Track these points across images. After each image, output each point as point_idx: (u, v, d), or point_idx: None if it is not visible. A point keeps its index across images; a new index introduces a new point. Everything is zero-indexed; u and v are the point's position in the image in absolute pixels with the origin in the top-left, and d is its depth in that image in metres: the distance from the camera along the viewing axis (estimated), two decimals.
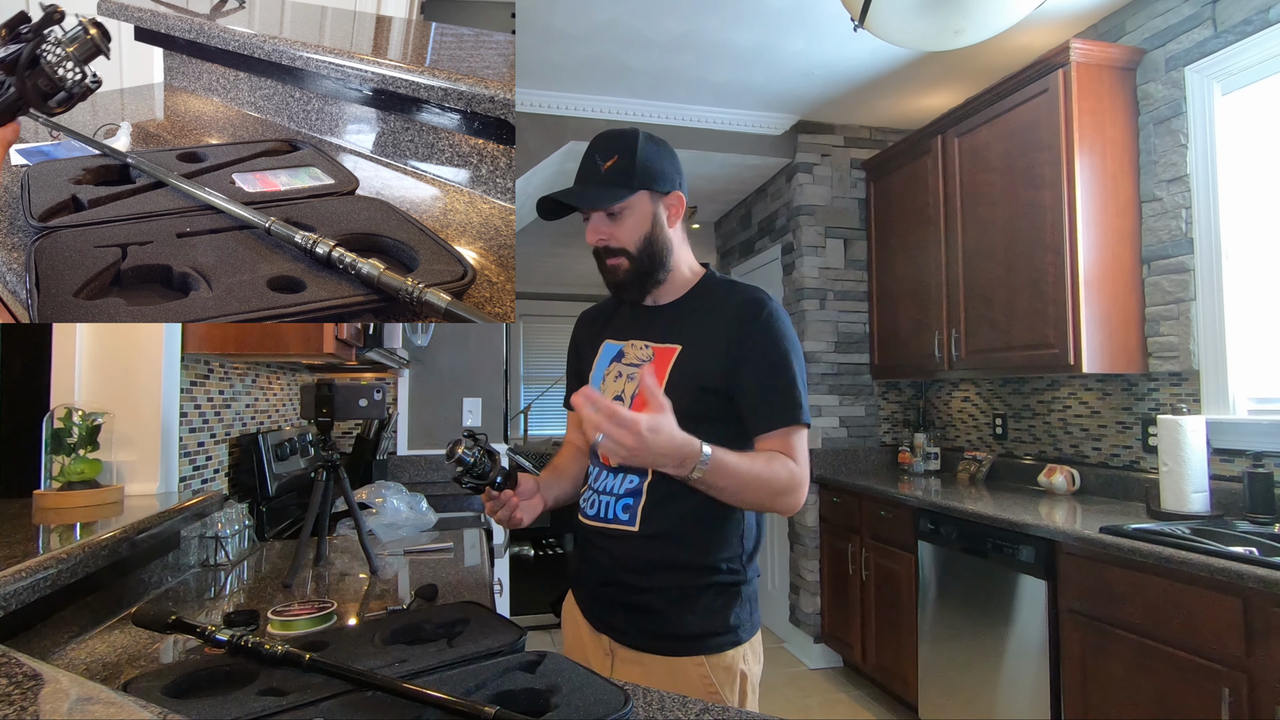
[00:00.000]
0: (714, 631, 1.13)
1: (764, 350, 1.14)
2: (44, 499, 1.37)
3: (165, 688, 0.75)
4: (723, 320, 1.17)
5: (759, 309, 1.16)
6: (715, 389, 1.15)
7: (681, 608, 1.13)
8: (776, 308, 1.18)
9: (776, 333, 1.15)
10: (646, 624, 1.14)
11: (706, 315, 1.19)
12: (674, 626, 1.12)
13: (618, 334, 1.28)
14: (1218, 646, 1.59)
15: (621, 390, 1.21)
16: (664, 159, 1.19)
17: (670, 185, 1.19)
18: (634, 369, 1.21)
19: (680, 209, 1.22)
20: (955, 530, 2.48)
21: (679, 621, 1.12)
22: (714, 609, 1.14)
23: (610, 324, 1.31)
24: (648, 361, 1.19)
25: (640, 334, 1.24)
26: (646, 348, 1.21)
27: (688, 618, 1.12)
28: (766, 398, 1.14)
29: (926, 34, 1.61)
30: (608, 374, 1.25)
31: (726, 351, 1.15)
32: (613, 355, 1.26)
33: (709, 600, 1.14)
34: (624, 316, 1.30)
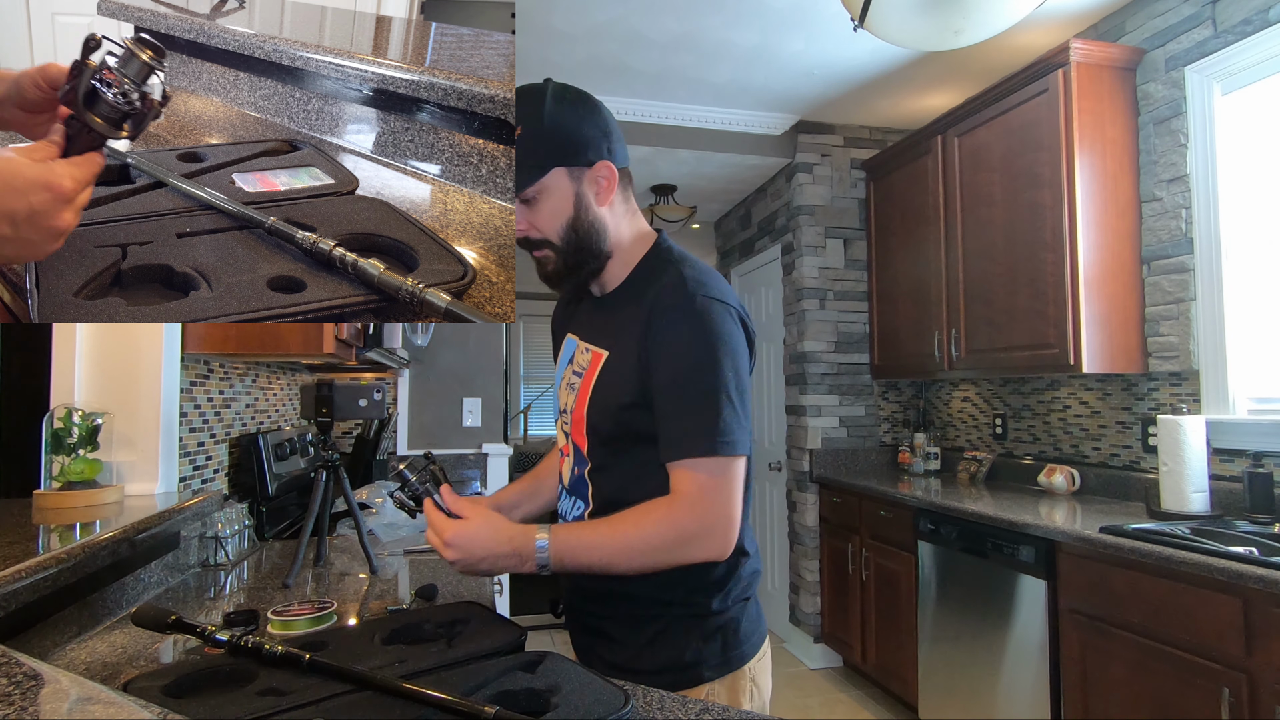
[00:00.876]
0: (669, 667, 0.98)
1: (672, 354, 0.92)
2: (44, 499, 1.37)
3: (165, 688, 0.75)
4: (641, 315, 0.96)
5: (675, 297, 0.94)
6: (631, 405, 0.96)
7: (638, 638, 1.00)
8: (700, 301, 0.93)
9: (691, 330, 0.92)
10: (604, 651, 1.03)
11: (631, 309, 0.99)
12: (630, 658, 1.00)
13: (576, 328, 1.12)
14: (1218, 646, 1.59)
15: (567, 402, 1.07)
16: (583, 122, 0.97)
17: (594, 154, 0.97)
18: (577, 377, 1.05)
19: (613, 181, 1.00)
20: (955, 530, 2.48)
21: (635, 653, 1.00)
22: (670, 643, 0.99)
23: (575, 315, 1.15)
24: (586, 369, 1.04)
25: (584, 332, 1.09)
26: (587, 351, 1.05)
27: (644, 650, 0.99)
28: (669, 418, 0.92)
29: (926, 34, 1.61)
30: (563, 378, 1.11)
31: (636, 356, 0.95)
32: (570, 354, 1.11)
33: (666, 634, 0.99)
34: (585, 307, 1.13)
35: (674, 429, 0.92)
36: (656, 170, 3.82)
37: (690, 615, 0.99)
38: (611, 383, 0.98)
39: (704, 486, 0.91)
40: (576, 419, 1.03)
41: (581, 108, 0.99)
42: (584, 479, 1.04)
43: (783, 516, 3.87)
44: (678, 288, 0.95)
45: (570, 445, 1.07)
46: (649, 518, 0.91)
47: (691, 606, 0.99)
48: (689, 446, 0.91)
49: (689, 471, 0.91)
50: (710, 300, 0.94)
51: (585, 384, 1.02)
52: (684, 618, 0.99)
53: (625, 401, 0.96)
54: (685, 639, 0.99)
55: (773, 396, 4.03)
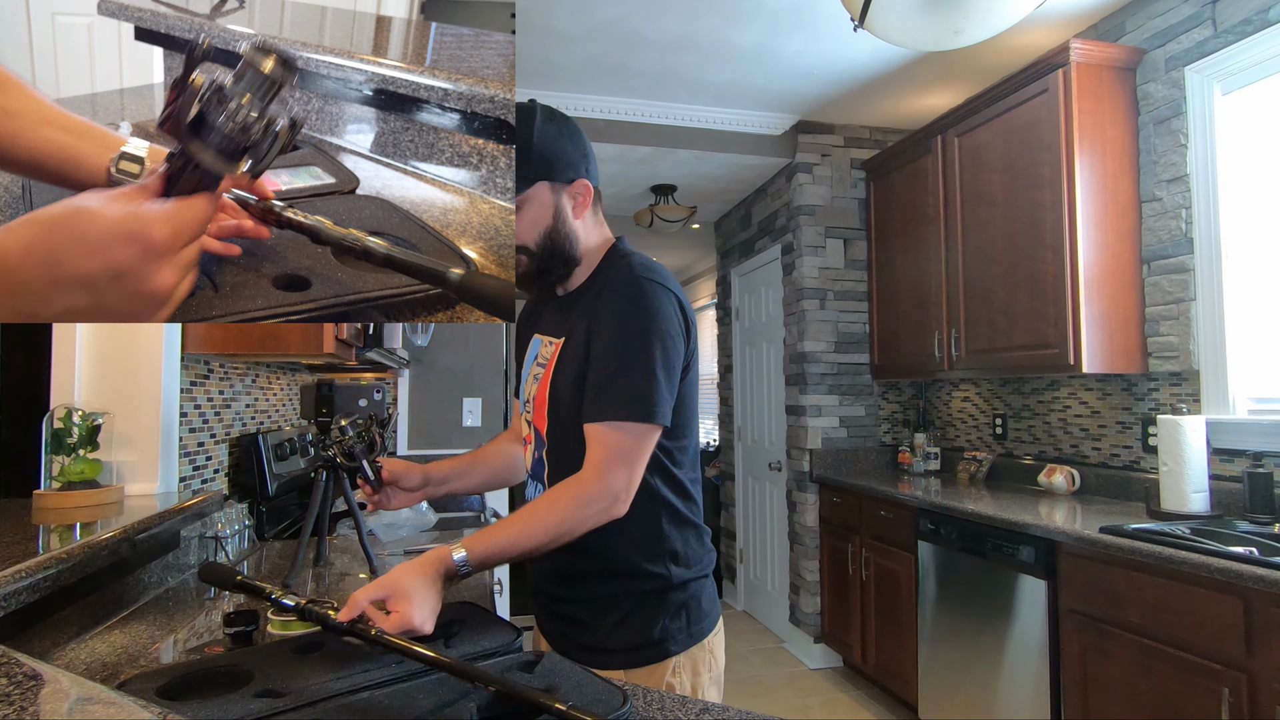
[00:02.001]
0: (635, 645, 1.05)
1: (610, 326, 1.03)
2: (44, 499, 1.37)
3: (160, 689, 0.75)
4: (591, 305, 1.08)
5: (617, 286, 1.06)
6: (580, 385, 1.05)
7: (604, 618, 1.07)
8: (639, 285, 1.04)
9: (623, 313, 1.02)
10: (571, 633, 1.10)
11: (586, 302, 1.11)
12: (597, 638, 1.06)
13: (542, 328, 1.22)
14: (1218, 646, 1.59)
15: (532, 392, 1.15)
16: (565, 142, 1.07)
17: (574, 173, 1.08)
18: (539, 368, 1.15)
19: (588, 197, 1.11)
20: (955, 530, 2.48)
21: (601, 632, 1.06)
22: (635, 621, 1.06)
23: (540, 318, 1.24)
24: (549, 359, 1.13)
25: (547, 328, 1.18)
26: (550, 344, 1.14)
27: (611, 629, 1.06)
28: (592, 387, 1.02)
29: (926, 34, 1.61)
30: (529, 374, 1.19)
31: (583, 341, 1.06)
32: (534, 353, 1.21)
33: (629, 611, 1.06)
34: (549, 309, 1.22)
35: (598, 393, 1.01)
36: (656, 170, 3.82)
37: (653, 590, 1.06)
38: (566, 364, 1.07)
39: (613, 449, 0.99)
40: (539, 403, 1.12)
41: (566, 130, 1.09)
42: (542, 460, 1.12)
43: (783, 516, 3.87)
44: (623, 273, 1.07)
45: (532, 432, 1.16)
46: (545, 501, 1.00)
47: (655, 580, 1.06)
48: (610, 410, 0.99)
49: (606, 432, 0.99)
50: (650, 283, 1.04)
51: (547, 372, 1.11)
52: (647, 593, 1.06)
53: (574, 378, 1.05)
54: (654, 617, 1.06)
55: (773, 396, 4.03)
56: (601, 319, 1.04)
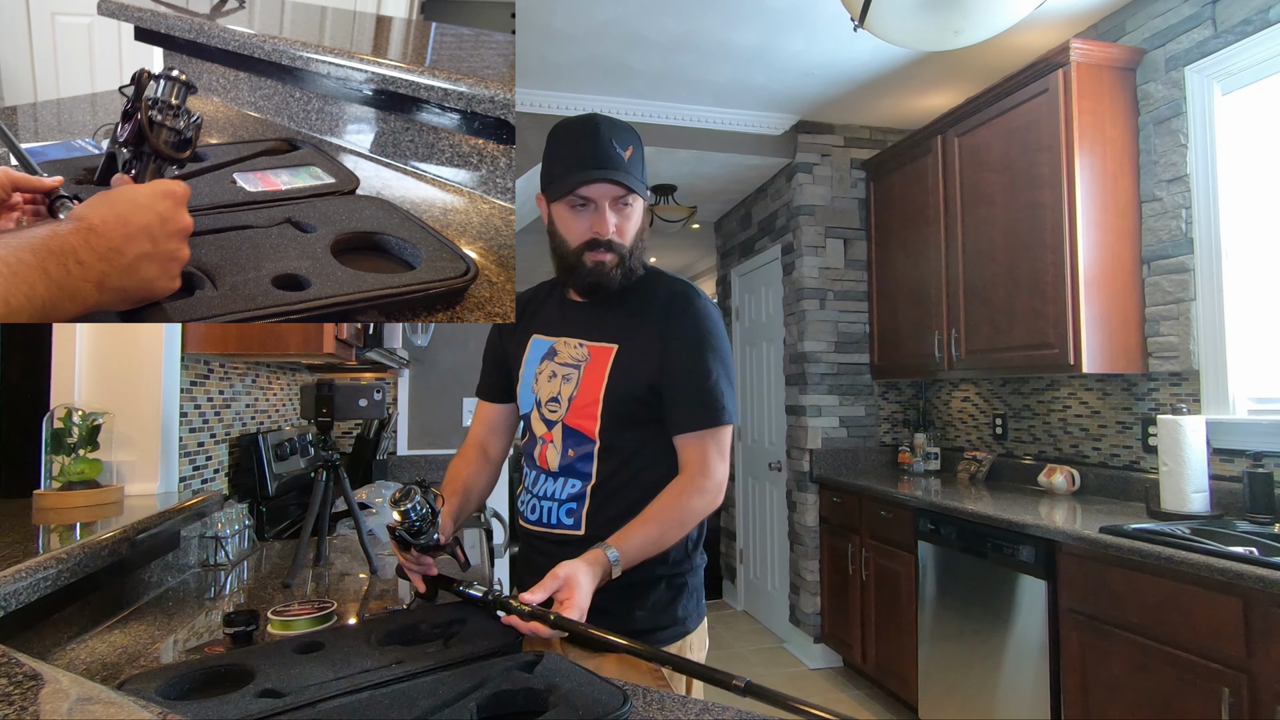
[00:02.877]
0: (661, 625, 1.15)
1: (687, 346, 1.14)
2: (44, 499, 1.37)
3: (160, 688, 0.75)
4: (653, 315, 1.16)
5: (685, 303, 1.16)
6: (651, 388, 1.14)
7: (632, 605, 1.14)
8: (705, 302, 1.18)
9: (702, 328, 1.15)
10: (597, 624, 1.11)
11: (638, 310, 1.18)
12: (625, 624, 1.12)
13: (546, 329, 1.24)
14: (1218, 646, 1.59)
15: (557, 392, 1.18)
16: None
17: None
18: (570, 369, 1.18)
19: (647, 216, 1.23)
20: (955, 530, 2.48)
21: (630, 618, 1.13)
22: (661, 604, 1.16)
23: (535, 319, 1.27)
24: (585, 361, 1.16)
25: (573, 331, 1.20)
26: (581, 346, 1.18)
27: (638, 614, 1.14)
28: (686, 398, 1.13)
29: (926, 34, 1.61)
30: (539, 373, 1.21)
31: (656, 349, 1.14)
32: (543, 353, 1.22)
33: (657, 596, 1.16)
34: (550, 310, 1.26)
35: (700, 402, 1.13)
36: (656, 170, 3.82)
37: (676, 575, 1.18)
38: (630, 372, 1.14)
39: (709, 453, 1.13)
40: (581, 405, 1.15)
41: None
42: (588, 458, 1.15)
43: (783, 516, 3.87)
44: (686, 295, 1.17)
45: (558, 430, 1.17)
46: (677, 502, 1.10)
47: (676, 568, 1.17)
48: (709, 417, 1.12)
49: (707, 436, 1.13)
50: (708, 303, 1.18)
51: (593, 374, 1.15)
52: (671, 579, 1.17)
53: (644, 386, 1.13)
54: (676, 599, 1.17)
55: (773, 396, 4.03)
56: (681, 333, 1.14)
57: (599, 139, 1.10)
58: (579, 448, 1.16)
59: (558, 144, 1.15)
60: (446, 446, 3.34)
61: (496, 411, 1.34)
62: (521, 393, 1.25)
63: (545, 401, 1.19)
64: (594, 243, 1.12)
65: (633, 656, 1.04)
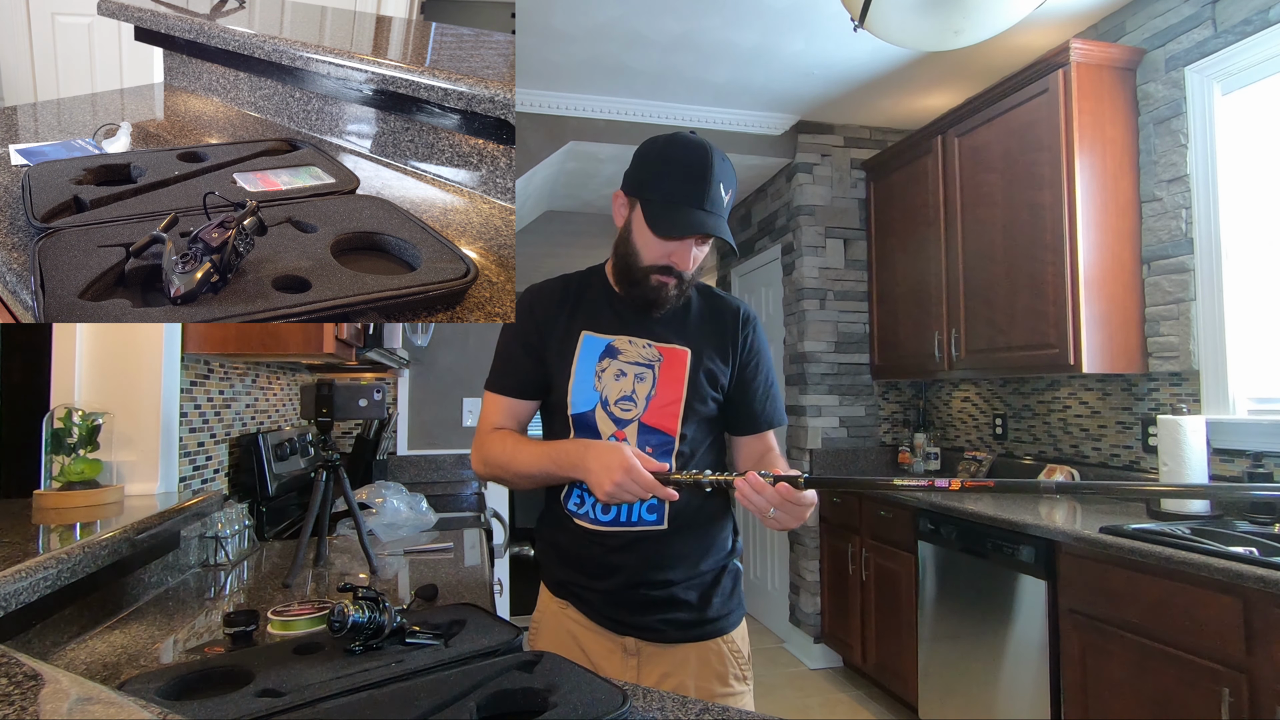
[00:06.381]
0: (729, 611, 1.23)
1: (762, 360, 1.30)
2: (44, 499, 1.37)
3: (161, 689, 0.75)
4: (722, 328, 1.27)
5: (753, 322, 1.31)
6: (722, 390, 1.25)
7: (710, 594, 1.21)
8: (758, 321, 1.34)
9: (765, 344, 1.33)
10: (678, 617, 1.19)
11: (706, 321, 1.26)
12: (703, 613, 1.20)
13: (600, 327, 1.21)
14: (1218, 646, 1.59)
15: (631, 390, 1.18)
16: None
17: None
18: (641, 368, 1.19)
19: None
20: (955, 530, 2.48)
21: (707, 607, 1.20)
22: (728, 590, 1.24)
23: (579, 314, 1.22)
24: (658, 362, 1.19)
25: (635, 331, 1.21)
26: (650, 346, 1.20)
27: (714, 602, 1.21)
28: (765, 403, 1.30)
29: (926, 34, 1.61)
30: (603, 371, 1.18)
31: (729, 359, 1.25)
32: (600, 350, 1.19)
33: (725, 583, 1.24)
34: (601, 310, 1.22)
35: (775, 405, 1.31)
36: None
37: (734, 563, 1.28)
38: (708, 373, 1.23)
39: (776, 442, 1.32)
40: (663, 404, 1.20)
41: None
42: (666, 455, 1.20)
43: None
44: (750, 314, 1.31)
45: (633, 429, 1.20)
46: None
47: (735, 555, 1.28)
48: (779, 417, 1.32)
49: (768, 437, 1.31)
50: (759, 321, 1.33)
51: (670, 375, 1.20)
52: (730, 567, 1.26)
53: (718, 390, 1.24)
54: (735, 584, 1.27)
55: None
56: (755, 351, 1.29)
57: (709, 182, 1.08)
58: (659, 445, 1.19)
59: (667, 166, 1.11)
60: (446, 446, 3.34)
61: (526, 408, 1.26)
62: (576, 389, 1.18)
63: (616, 400, 1.18)
64: (666, 269, 1.15)
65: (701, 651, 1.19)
